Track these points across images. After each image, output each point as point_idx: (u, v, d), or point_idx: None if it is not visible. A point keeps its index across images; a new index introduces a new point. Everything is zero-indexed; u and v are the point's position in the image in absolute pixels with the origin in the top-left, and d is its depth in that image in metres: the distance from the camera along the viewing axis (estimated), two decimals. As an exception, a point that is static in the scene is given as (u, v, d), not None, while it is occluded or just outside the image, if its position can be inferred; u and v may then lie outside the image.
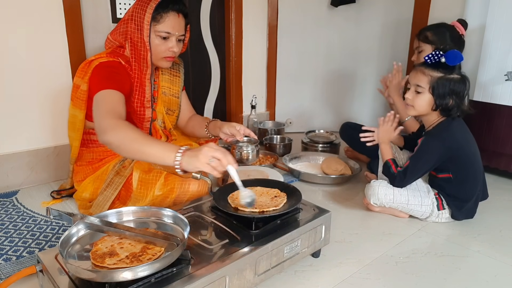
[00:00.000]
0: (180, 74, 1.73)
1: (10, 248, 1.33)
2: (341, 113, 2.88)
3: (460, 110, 1.49)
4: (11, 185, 1.80)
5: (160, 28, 1.42)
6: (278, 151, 2.35)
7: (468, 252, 1.38)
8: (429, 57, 1.49)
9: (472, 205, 1.56)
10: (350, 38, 2.77)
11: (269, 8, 2.58)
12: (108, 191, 1.47)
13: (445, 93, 1.47)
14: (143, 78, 1.48)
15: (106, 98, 1.30)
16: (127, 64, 1.45)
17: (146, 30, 1.40)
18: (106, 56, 1.44)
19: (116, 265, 0.88)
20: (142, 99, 1.50)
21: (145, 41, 1.42)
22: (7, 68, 1.70)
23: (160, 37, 1.44)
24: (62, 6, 1.77)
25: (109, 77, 1.37)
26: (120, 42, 1.50)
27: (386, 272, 1.25)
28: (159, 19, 1.41)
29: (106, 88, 1.33)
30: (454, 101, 1.47)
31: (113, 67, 1.42)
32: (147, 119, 1.55)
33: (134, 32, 1.43)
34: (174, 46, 1.46)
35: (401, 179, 1.53)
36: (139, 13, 1.41)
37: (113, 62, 1.43)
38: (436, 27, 1.89)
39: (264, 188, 1.33)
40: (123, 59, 1.46)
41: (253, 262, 1.04)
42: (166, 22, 1.42)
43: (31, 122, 1.80)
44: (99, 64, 1.41)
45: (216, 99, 2.57)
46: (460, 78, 1.47)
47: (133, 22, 1.43)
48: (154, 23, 1.42)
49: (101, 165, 1.53)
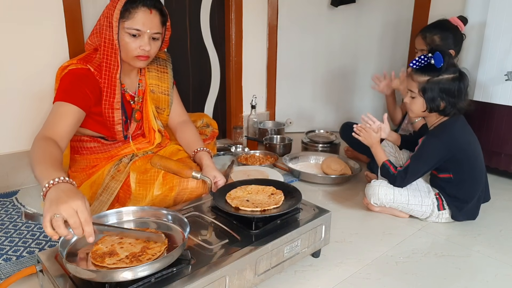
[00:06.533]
0: (168, 70, 1.65)
1: (10, 248, 1.33)
2: (341, 113, 2.88)
3: (457, 108, 1.48)
4: (11, 185, 1.80)
5: (128, 24, 1.35)
6: (278, 151, 2.35)
7: (468, 252, 1.38)
8: (414, 63, 1.50)
9: (473, 206, 1.56)
10: (350, 38, 2.77)
11: (269, 8, 2.58)
12: (104, 196, 1.45)
13: (434, 96, 1.47)
14: (113, 79, 1.41)
15: (54, 111, 1.29)
16: (97, 71, 1.39)
17: (115, 28, 1.34)
18: (77, 62, 1.39)
19: (115, 265, 0.88)
20: (112, 100, 1.43)
21: (114, 39, 1.35)
22: (6, 68, 1.70)
23: (129, 35, 1.36)
24: (62, 6, 1.77)
25: (67, 89, 1.33)
26: (96, 44, 1.45)
27: (386, 272, 1.25)
28: (128, 15, 1.34)
29: (61, 100, 1.30)
30: (447, 101, 1.47)
31: (79, 75, 1.36)
32: (117, 121, 1.46)
33: (106, 30, 1.36)
34: (145, 44, 1.37)
35: (401, 178, 1.53)
36: (110, 9, 1.35)
37: (81, 69, 1.37)
38: (441, 30, 1.87)
39: (259, 186, 1.33)
40: (93, 64, 1.40)
41: (253, 262, 1.04)
42: (136, 19, 1.34)
43: (31, 122, 1.80)
44: (68, 72, 1.37)
45: (216, 99, 2.57)
46: (452, 77, 1.46)
47: (106, 20, 1.37)
48: (123, 20, 1.35)
49: (95, 170, 1.51)
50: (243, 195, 1.27)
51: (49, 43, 1.77)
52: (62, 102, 1.30)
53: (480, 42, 1.96)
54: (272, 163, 2.16)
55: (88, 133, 1.51)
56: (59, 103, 1.31)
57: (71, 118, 1.29)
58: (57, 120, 1.26)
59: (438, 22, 1.93)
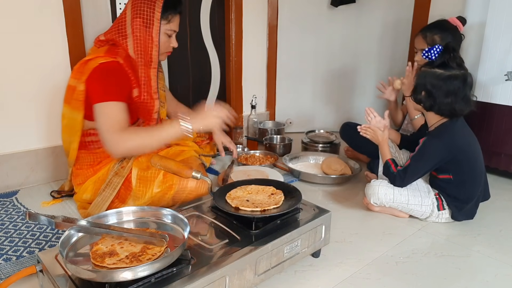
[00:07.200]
0: (162, 69, 1.81)
1: (10, 248, 1.33)
2: (341, 113, 2.88)
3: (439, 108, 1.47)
4: (11, 185, 1.80)
5: (170, 27, 1.53)
6: (278, 151, 2.35)
7: (468, 252, 1.38)
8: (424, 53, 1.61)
9: (473, 206, 1.56)
10: (350, 38, 2.76)
11: (269, 8, 2.58)
12: (107, 191, 1.47)
13: (419, 84, 1.49)
14: (149, 72, 1.52)
15: (108, 112, 1.37)
16: (125, 62, 1.45)
17: (156, 27, 1.47)
18: (104, 55, 1.42)
19: (115, 265, 0.88)
20: (150, 91, 1.54)
21: (153, 37, 1.48)
22: (6, 68, 1.70)
23: (167, 35, 1.54)
24: (62, 6, 1.77)
25: (108, 87, 1.39)
26: (115, 41, 1.49)
27: (386, 272, 1.25)
28: (170, 19, 1.52)
29: (106, 100, 1.37)
30: (433, 96, 1.46)
31: (112, 70, 1.41)
32: (156, 110, 1.57)
33: (140, 28, 1.46)
34: (175, 42, 1.59)
35: (401, 178, 1.53)
36: (146, 11, 1.46)
37: (112, 63, 1.42)
38: (441, 29, 1.87)
39: (259, 186, 1.33)
40: (121, 56, 1.45)
41: (253, 262, 1.04)
42: (175, 22, 1.55)
43: (31, 122, 1.80)
44: (98, 66, 1.40)
45: (216, 99, 2.57)
46: (447, 75, 1.45)
47: (140, 19, 1.46)
48: (165, 22, 1.51)
49: (102, 166, 1.52)
50: (243, 195, 1.27)
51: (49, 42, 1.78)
52: (109, 102, 1.38)
53: (480, 42, 1.96)
54: (272, 163, 2.16)
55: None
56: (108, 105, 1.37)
57: (125, 114, 1.41)
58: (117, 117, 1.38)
59: (437, 22, 1.93)
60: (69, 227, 0.94)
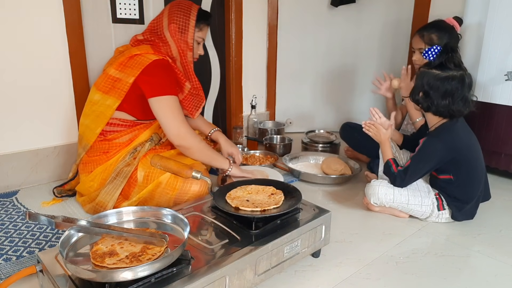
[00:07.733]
0: None
1: (10, 248, 1.33)
2: (341, 113, 2.88)
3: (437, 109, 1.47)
4: (11, 185, 1.80)
5: (201, 35, 1.68)
6: (278, 151, 2.35)
7: (468, 252, 1.38)
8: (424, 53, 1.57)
9: (473, 206, 1.56)
10: (350, 38, 2.77)
11: (269, 8, 2.58)
12: (118, 179, 1.50)
13: (417, 84, 1.50)
14: (191, 72, 1.68)
15: (170, 104, 1.51)
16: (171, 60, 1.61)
17: (191, 33, 1.63)
18: (154, 52, 1.56)
19: (115, 265, 0.88)
20: (197, 86, 1.71)
21: (189, 42, 1.64)
22: (6, 68, 1.70)
23: (196, 42, 1.69)
24: (62, 6, 1.77)
25: (167, 81, 1.53)
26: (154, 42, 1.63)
27: (386, 272, 1.25)
28: (202, 28, 1.67)
29: (169, 94, 1.52)
30: (430, 97, 1.46)
31: (166, 67, 1.56)
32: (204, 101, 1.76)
33: (175, 33, 1.61)
34: (202, 50, 1.74)
35: (401, 178, 1.53)
36: (182, 18, 1.61)
37: (163, 61, 1.55)
38: (438, 29, 1.88)
39: (259, 186, 1.33)
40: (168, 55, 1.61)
41: (253, 262, 1.04)
42: (204, 31, 1.70)
43: (31, 122, 1.80)
44: (153, 63, 1.51)
45: (216, 99, 2.57)
46: (444, 76, 1.45)
47: (175, 25, 1.60)
48: (197, 30, 1.65)
49: (112, 155, 1.55)
50: (243, 195, 1.27)
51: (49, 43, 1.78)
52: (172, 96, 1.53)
53: (479, 42, 1.96)
54: (272, 163, 2.16)
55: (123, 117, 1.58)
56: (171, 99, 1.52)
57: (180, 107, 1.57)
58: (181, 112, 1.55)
59: (434, 22, 1.93)
60: (69, 227, 0.94)
